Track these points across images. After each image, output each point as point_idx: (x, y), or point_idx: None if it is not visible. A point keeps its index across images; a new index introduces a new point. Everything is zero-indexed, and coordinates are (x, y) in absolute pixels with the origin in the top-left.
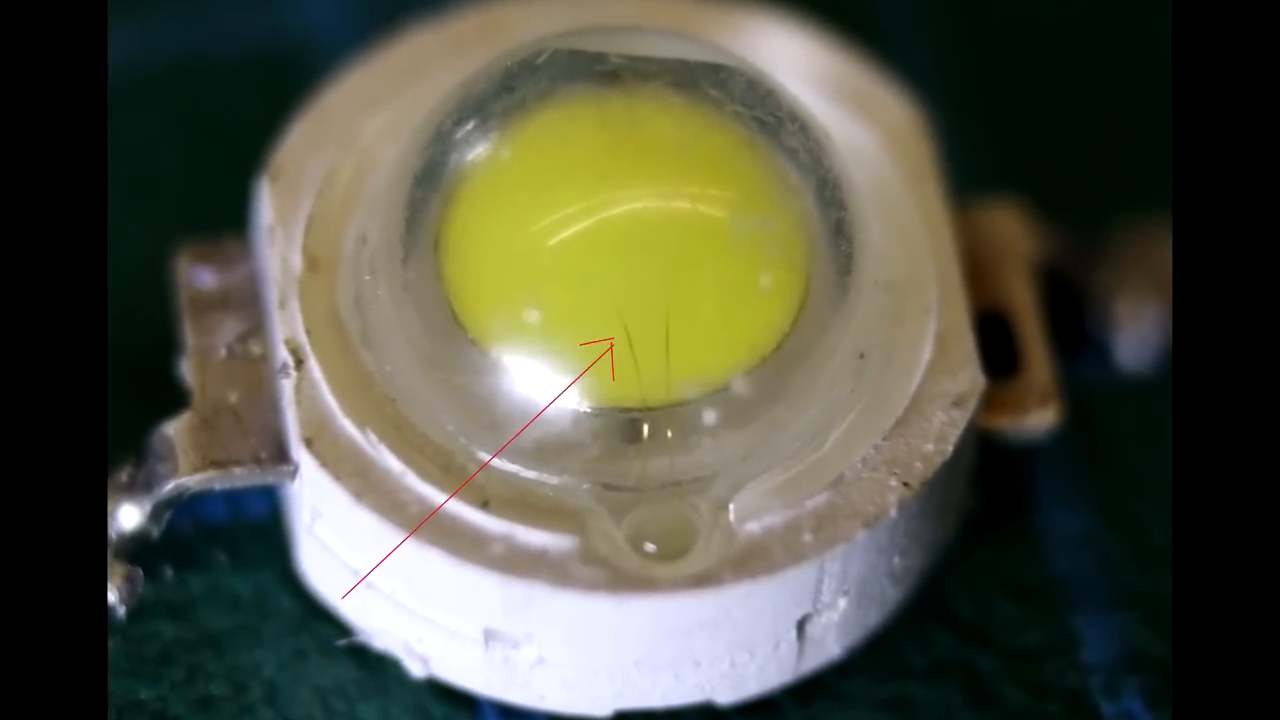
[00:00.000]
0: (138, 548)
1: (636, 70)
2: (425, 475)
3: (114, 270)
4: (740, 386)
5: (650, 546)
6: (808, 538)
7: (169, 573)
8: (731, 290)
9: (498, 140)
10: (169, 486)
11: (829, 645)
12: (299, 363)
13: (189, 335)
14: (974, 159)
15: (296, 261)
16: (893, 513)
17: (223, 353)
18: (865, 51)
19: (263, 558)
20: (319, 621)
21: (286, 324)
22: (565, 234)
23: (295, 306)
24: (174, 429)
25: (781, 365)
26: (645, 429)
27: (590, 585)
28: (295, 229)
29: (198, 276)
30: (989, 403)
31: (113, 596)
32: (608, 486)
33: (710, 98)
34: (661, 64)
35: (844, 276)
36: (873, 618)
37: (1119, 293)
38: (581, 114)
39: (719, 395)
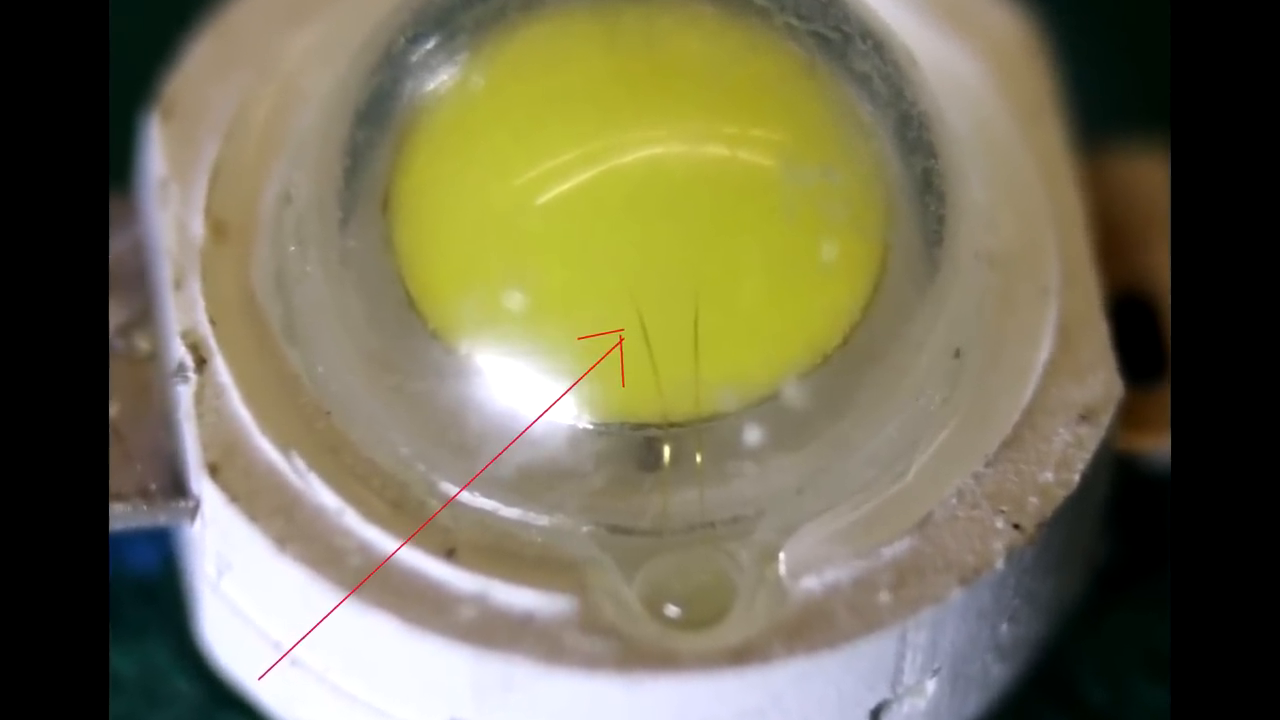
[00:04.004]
0: None
1: None
2: (370, 514)
3: None
4: (794, 395)
5: (673, 610)
6: (884, 598)
7: None
8: (782, 265)
9: (468, 63)
10: None
11: None
12: (200, 362)
13: None
14: (1108, 90)
15: (197, 226)
16: (999, 564)
17: None
18: None
19: (152, 625)
20: (227, 710)
21: (184, 311)
22: (559, 189)
23: (196, 287)
24: None
25: (849, 366)
26: (666, 452)
27: (592, 661)
28: (196, 183)
29: None
30: (1128, 417)
31: None
32: (616, 529)
33: (755, 6)
34: None
35: (933, 247)
36: (972, 705)
37: None
38: (581, 28)
39: (765, 406)
